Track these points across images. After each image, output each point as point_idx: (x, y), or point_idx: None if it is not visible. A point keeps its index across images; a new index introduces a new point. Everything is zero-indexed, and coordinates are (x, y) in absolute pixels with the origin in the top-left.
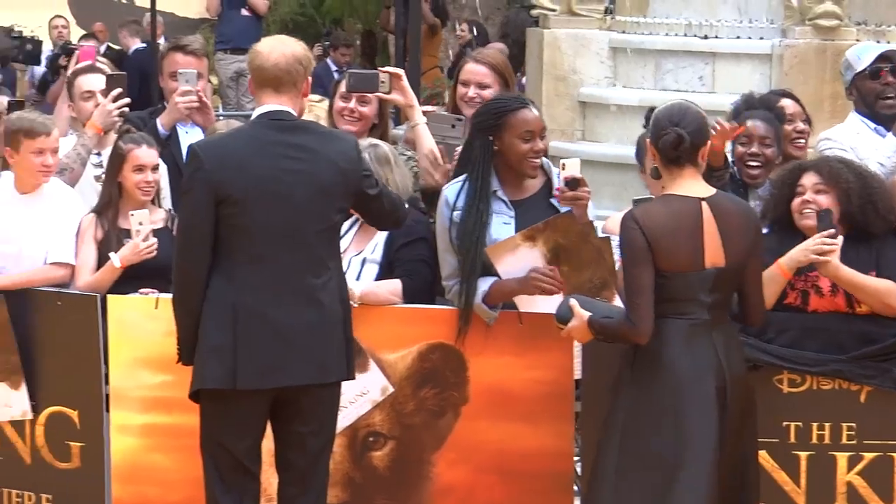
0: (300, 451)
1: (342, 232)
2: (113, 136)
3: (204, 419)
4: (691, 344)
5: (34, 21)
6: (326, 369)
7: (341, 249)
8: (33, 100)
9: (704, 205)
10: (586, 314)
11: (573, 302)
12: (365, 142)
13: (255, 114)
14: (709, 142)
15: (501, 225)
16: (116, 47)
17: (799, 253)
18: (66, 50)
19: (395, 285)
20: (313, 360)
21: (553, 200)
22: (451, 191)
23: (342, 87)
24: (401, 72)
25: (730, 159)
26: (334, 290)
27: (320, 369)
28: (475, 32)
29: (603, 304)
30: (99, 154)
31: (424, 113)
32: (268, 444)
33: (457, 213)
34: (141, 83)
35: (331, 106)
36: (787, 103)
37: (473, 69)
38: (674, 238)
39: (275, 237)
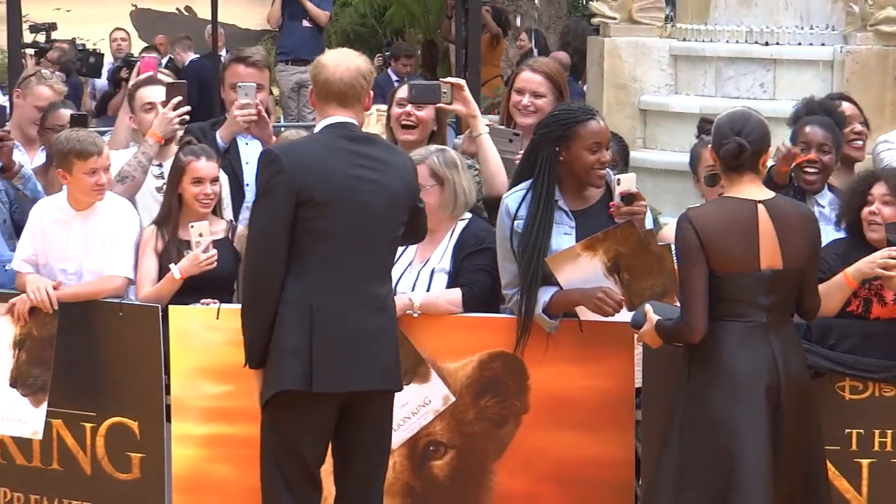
0: (363, 461)
1: (400, 251)
2: (174, 148)
3: (276, 425)
4: (746, 346)
5: (96, 34)
6: (392, 377)
7: (406, 262)
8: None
9: (761, 207)
10: (655, 318)
11: (647, 307)
12: (432, 147)
13: (320, 125)
14: (770, 149)
15: (562, 235)
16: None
17: (865, 265)
18: (128, 62)
19: (454, 295)
20: (381, 366)
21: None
22: (513, 199)
23: (399, 95)
24: (462, 82)
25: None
26: (393, 300)
27: (387, 376)
28: (535, 42)
29: (675, 309)
30: (160, 165)
31: (489, 127)
32: None
33: (518, 223)
34: (200, 93)
35: (388, 115)
36: (844, 106)
37: (529, 77)
38: (727, 238)
39: (350, 243)
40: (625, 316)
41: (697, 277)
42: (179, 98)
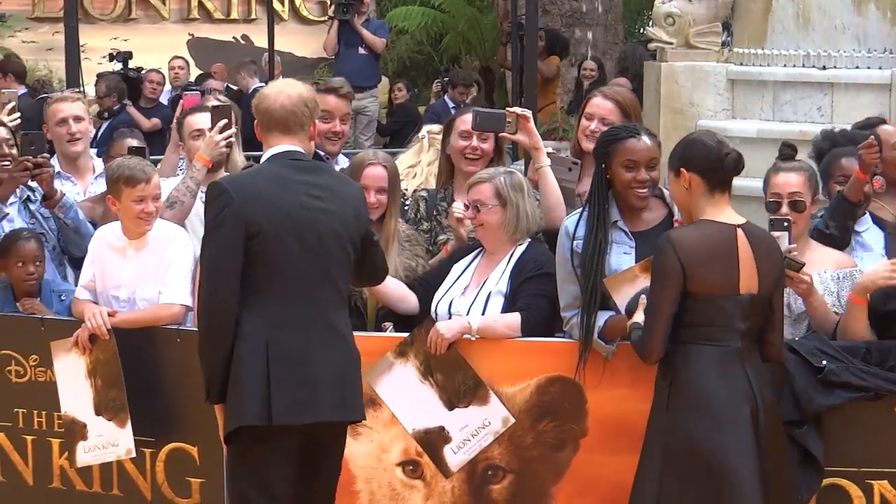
0: (318, 487)
1: (461, 269)
2: (223, 173)
3: (240, 461)
4: (723, 374)
5: (153, 63)
6: (353, 407)
7: (462, 286)
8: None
9: (739, 231)
10: (638, 318)
11: (644, 298)
12: (501, 168)
13: (267, 154)
14: None
15: (622, 255)
16: (235, 87)
17: (866, 279)
18: (187, 90)
19: (513, 319)
20: (341, 397)
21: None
22: (571, 221)
23: (463, 126)
24: (529, 113)
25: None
26: (350, 327)
27: (348, 407)
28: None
29: None
30: None
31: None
32: None
33: (577, 242)
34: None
35: (444, 143)
36: (887, 129)
37: (600, 104)
38: (709, 262)
39: (304, 273)
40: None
41: (667, 301)
42: (225, 121)
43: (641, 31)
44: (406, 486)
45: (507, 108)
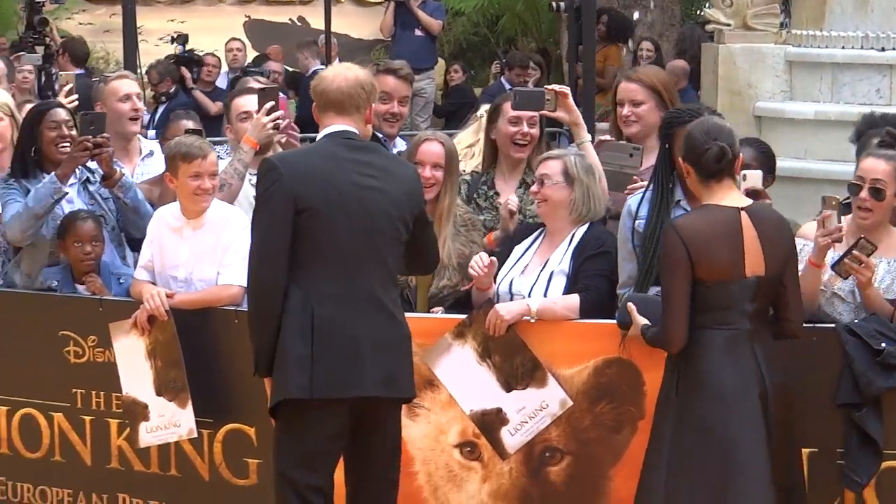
0: (373, 468)
1: (523, 250)
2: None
3: (284, 434)
4: (732, 354)
5: (210, 45)
6: (398, 384)
7: (523, 265)
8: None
9: (743, 214)
10: (641, 322)
11: (631, 306)
12: (572, 148)
13: (321, 133)
14: (742, 155)
15: None
16: (291, 69)
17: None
18: (246, 72)
19: (572, 301)
20: (386, 373)
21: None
22: (634, 200)
23: (510, 112)
24: (567, 90)
25: None
26: (401, 306)
27: (393, 383)
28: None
29: (656, 301)
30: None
31: (602, 142)
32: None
33: (639, 222)
34: (305, 105)
35: (489, 128)
36: None
37: (625, 87)
38: (714, 247)
39: (352, 250)
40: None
41: (680, 289)
42: (272, 103)
43: (698, 12)
44: (463, 468)
45: (546, 87)
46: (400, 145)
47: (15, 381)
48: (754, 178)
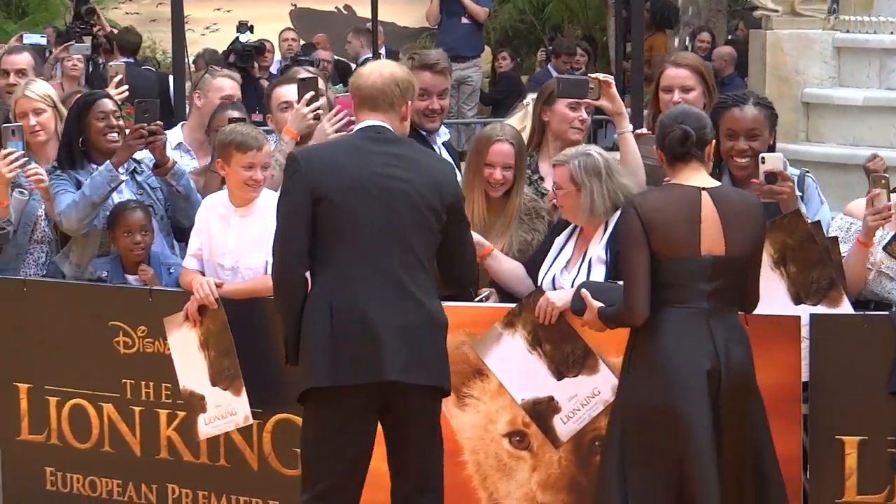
0: (411, 457)
1: (562, 242)
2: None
3: (312, 421)
4: (687, 332)
5: (256, 34)
6: (423, 371)
7: (565, 260)
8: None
9: (705, 194)
10: (596, 305)
11: (584, 292)
12: (580, 149)
13: (355, 129)
14: (713, 140)
15: None
16: (336, 58)
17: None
18: (297, 62)
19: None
20: (408, 358)
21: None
22: None
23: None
24: (610, 79)
25: None
26: (434, 293)
27: (416, 369)
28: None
29: (615, 287)
30: None
31: (640, 136)
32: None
33: None
34: None
35: (541, 110)
36: None
37: (674, 73)
38: (669, 222)
39: (373, 237)
40: (792, 309)
41: (638, 260)
42: (312, 93)
43: None
44: (513, 457)
45: (589, 74)
46: (444, 135)
47: (65, 371)
48: (773, 160)
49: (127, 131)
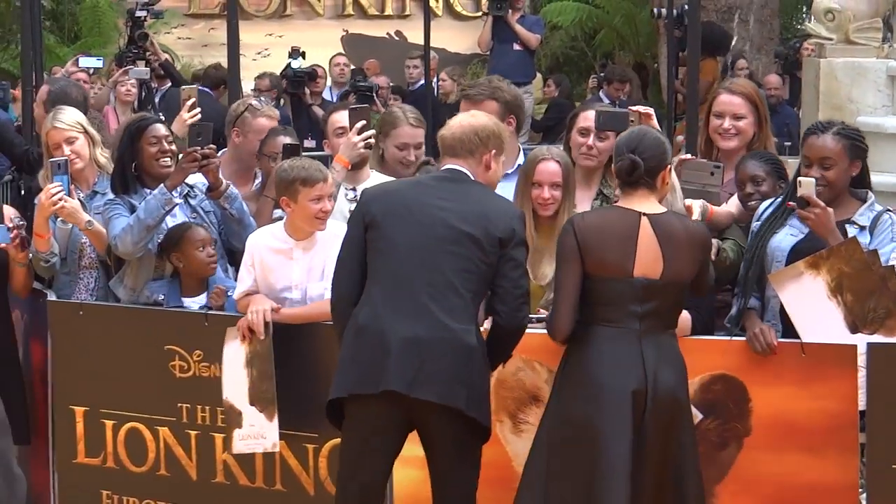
0: (439, 483)
1: None
2: (367, 171)
3: (342, 435)
4: (615, 351)
5: (311, 61)
6: (436, 389)
7: None
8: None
9: (644, 219)
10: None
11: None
12: None
13: None
14: (668, 166)
15: (787, 236)
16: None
17: None
18: (356, 88)
19: (684, 323)
20: (417, 373)
21: (849, 227)
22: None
23: (583, 122)
24: (650, 110)
25: None
26: (468, 319)
27: (425, 385)
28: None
29: None
30: (354, 189)
31: (683, 161)
32: None
33: (755, 224)
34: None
35: (567, 138)
36: None
37: (727, 100)
38: (604, 243)
39: (407, 259)
40: (850, 338)
41: (568, 279)
42: (363, 122)
43: (798, 25)
44: None
45: (630, 107)
46: None
47: (121, 395)
48: (807, 185)
49: (180, 156)
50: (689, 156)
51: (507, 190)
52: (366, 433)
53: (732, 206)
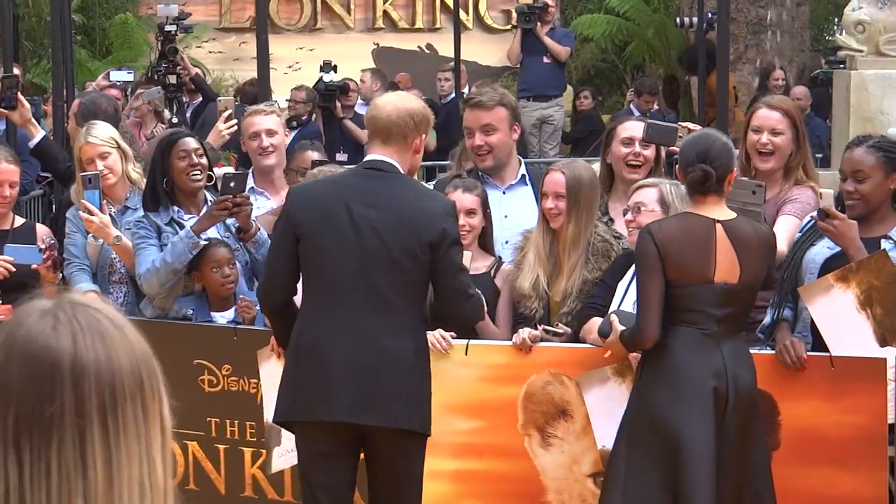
0: (376, 487)
1: (625, 286)
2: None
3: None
4: (697, 350)
5: (343, 74)
6: (382, 412)
7: (631, 302)
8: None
9: (719, 225)
10: (620, 328)
11: (613, 317)
12: (669, 179)
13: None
14: (735, 169)
15: (824, 248)
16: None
17: None
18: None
19: None
20: (361, 399)
21: (884, 242)
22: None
23: (625, 133)
24: (698, 128)
25: None
26: (406, 331)
27: (370, 410)
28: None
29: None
30: None
31: None
32: None
33: (797, 234)
34: (443, 133)
35: (604, 152)
36: None
37: (767, 115)
38: (684, 251)
39: (339, 276)
40: (880, 352)
41: (653, 286)
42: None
43: (828, 38)
44: (596, 497)
45: (680, 123)
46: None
47: None
48: (827, 197)
49: (217, 170)
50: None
51: (511, 201)
52: (314, 453)
53: (782, 240)
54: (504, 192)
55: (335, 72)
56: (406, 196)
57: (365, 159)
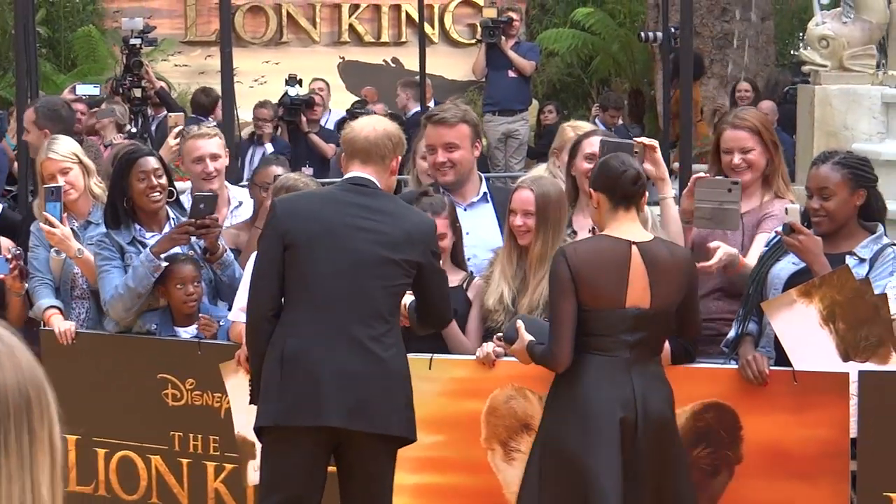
0: (349, 493)
1: None
2: None
3: (264, 459)
4: (606, 380)
5: (307, 87)
6: (369, 419)
7: None
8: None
9: (634, 248)
10: (528, 339)
11: (520, 323)
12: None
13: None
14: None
15: (789, 263)
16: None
17: None
18: (354, 115)
19: (664, 352)
20: (352, 405)
21: (848, 258)
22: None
23: (589, 148)
24: (655, 143)
25: None
26: (394, 340)
27: (360, 417)
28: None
29: (544, 325)
30: None
31: (699, 178)
32: None
33: (763, 249)
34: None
35: (569, 165)
36: None
37: (732, 136)
38: (597, 275)
39: (333, 287)
40: (843, 366)
41: (565, 309)
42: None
43: (793, 52)
44: None
45: (635, 139)
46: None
47: (114, 423)
48: (793, 212)
49: (179, 184)
50: (703, 174)
51: (472, 218)
52: (296, 461)
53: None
54: (465, 210)
55: (300, 86)
56: (394, 209)
57: (346, 176)
